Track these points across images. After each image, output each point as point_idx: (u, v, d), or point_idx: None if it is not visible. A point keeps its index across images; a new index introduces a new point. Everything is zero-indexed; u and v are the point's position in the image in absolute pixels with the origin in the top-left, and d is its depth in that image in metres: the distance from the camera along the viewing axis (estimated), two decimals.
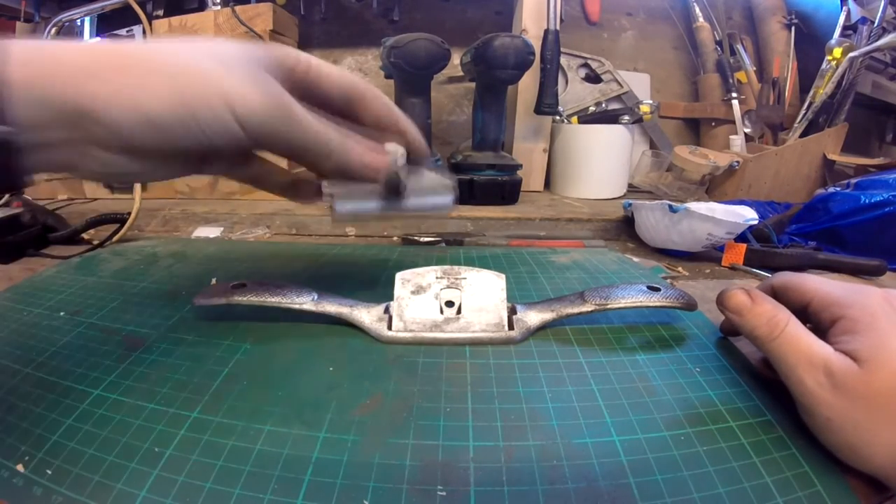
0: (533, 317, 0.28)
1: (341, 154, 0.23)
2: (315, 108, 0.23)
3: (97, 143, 0.18)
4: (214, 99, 0.19)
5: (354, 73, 0.90)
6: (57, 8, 0.73)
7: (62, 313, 0.30)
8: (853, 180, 0.57)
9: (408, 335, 0.27)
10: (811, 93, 0.78)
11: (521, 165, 0.68)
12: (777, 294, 0.25)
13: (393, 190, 0.25)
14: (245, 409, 0.21)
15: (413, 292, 0.28)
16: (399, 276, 0.29)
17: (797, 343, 0.21)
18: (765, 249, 0.47)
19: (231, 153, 0.24)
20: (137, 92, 0.18)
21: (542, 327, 0.28)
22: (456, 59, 0.74)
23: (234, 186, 0.70)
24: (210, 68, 0.19)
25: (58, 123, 0.17)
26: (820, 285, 0.23)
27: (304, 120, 0.21)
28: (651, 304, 0.28)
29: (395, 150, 0.24)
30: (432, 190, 0.27)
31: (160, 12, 0.70)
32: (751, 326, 0.23)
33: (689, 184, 0.77)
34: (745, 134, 0.88)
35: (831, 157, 0.74)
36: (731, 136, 0.87)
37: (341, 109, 0.25)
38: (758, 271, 0.44)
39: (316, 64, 0.23)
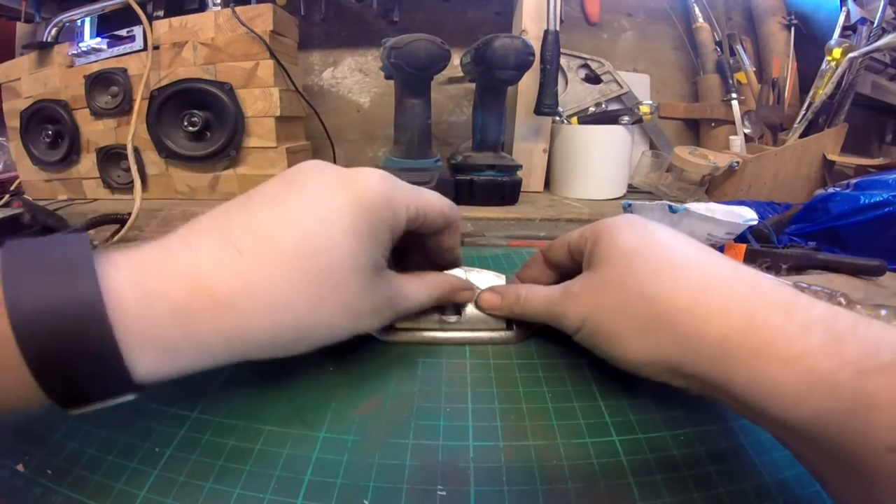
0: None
1: (422, 307, 0.25)
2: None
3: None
4: (341, 334, 0.20)
5: (354, 73, 0.90)
6: (57, 8, 0.73)
7: None
8: (853, 181, 0.57)
9: (408, 335, 0.27)
10: (811, 93, 0.78)
11: (521, 166, 0.68)
12: (548, 258, 0.27)
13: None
14: (245, 409, 0.21)
15: None
16: None
17: (536, 297, 0.23)
18: (764, 250, 0.47)
19: None
20: (278, 338, 0.18)
21: (542, 327, 0.28)
22: (456, 59, 0.74)
23: (235, 186, 0.70)
24: (337, 312, 0.19)
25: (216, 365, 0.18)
26: (570, 233, 0.25)
27: (401, 313, 0.23)
28: None
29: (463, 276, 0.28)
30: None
31: (160, 13, 0.70)
32: (512, 313, 0.25)
33: (688, 184, 0.78)
34: (745, 134, 0.88)
35: (831, 157, 0.74)
36: (731, 137, 0.87)
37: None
38: None
39: (423, 215, 0.22)
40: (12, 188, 0.77)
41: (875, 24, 0.75)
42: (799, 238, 0.54)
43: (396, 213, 0.20)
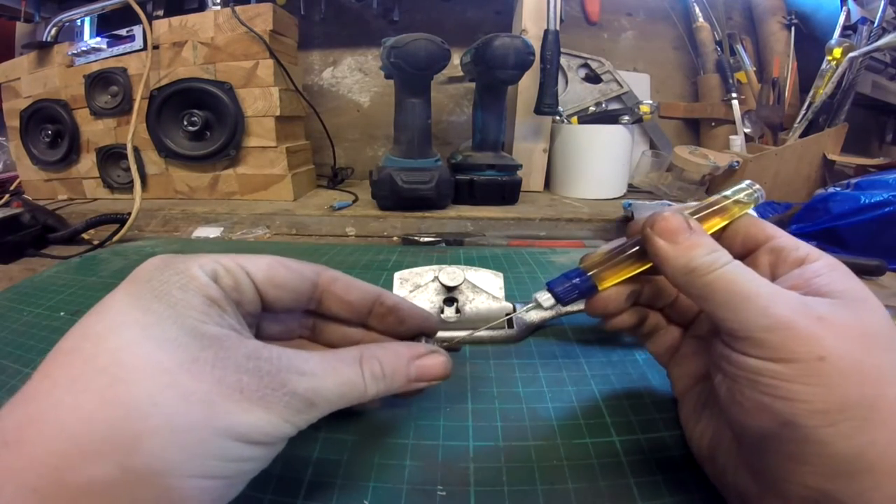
0: (532, 315, 0.28)
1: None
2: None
3: None
4: (202, 431, 0.13)
5: (354, 73, 0.90)
6: (57, 8, 0.73)
7: (62, 313, 0.30)
8: (853, 180, 0.57)
9: None
10: (811, 93, 0.78)
11: (520, 165, 0.68)
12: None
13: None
14: None
15: (411, 291, 0.28)
16: (397, 275, 0.29)
17: (741, 280, 0.16)
18: None
19: None
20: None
21: (542, 325, 0.28)
22: (456, 59, 0.74)
23: (234, 186, 0.70)
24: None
25: None
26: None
27: (310, 399, 0.15)
28: None
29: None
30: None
31: (160, 12, 0.70)
32: (688, 257, 0.17)
33: (688, 184, 0.77)
34: (745, 134, 0.88)
35: (831, 157, 0.74)
36: (731, 137, 0.87)
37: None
38: None
39: (270, 266, 0.20)
40: (12, 188, 0.77)
41: (875, 24, 0.75)
42: (799, 238, 0.54)
43: (195, 265, 0.17)
